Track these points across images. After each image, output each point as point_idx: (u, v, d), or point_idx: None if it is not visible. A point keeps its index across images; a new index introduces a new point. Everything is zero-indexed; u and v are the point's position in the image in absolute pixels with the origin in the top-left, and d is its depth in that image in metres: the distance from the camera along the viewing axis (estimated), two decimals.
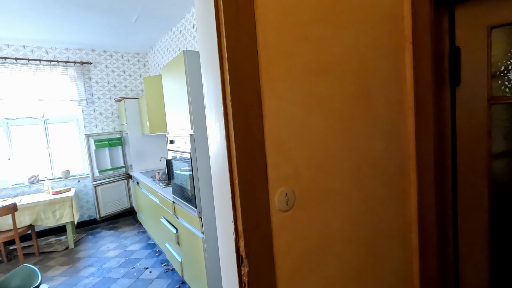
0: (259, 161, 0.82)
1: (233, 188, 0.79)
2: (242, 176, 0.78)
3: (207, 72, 0.86)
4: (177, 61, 2.04)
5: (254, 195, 0.81)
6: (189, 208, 2.15)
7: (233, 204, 0.80)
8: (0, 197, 3.94)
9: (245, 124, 0.78)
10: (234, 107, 0.76)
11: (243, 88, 0.78)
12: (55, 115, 4.46)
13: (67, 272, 3.13)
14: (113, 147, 4.63)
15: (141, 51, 4.94)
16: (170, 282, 2.75)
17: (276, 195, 0.86)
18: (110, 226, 4.51)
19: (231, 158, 0.79)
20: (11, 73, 3.98)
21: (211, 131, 0.86)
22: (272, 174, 0.85)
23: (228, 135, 0.78)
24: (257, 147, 0.81)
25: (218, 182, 0.86)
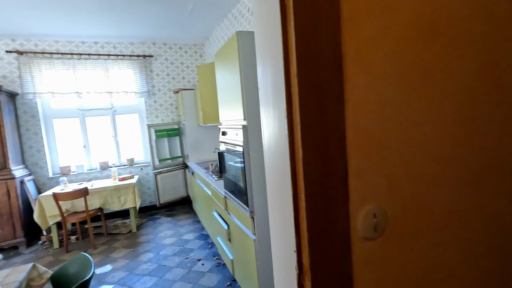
0: (337, 165, 0.55)
1: (297, 204, 0.55)
2: (311, 188, 0.53)
3: (262, 32, 0.61)
4: (230, 44, 1.85)
5: (328, 216, 0.55)
6: (240, 206, 1.98)
7: (296, 227, 0.55)
8: (77, 181, 4.39)
9: (318, 111, 0.53)
10: (301, 84, 0.51)
11: (316, 58, 0.52)
12: (122, 106, 4.77)
13: (128, 255, 3.30)
14: (171, 137, 4.78)
15: (198, 42, 4.96)
16: (221, 278, 2.66)
17: (360, 217, 0.59)
18: (168, 213, 4.70)
19: (295, 161, 0.54)
20: (86, 68, 4.34)
21: (266, 121, 0.63)
22: (355, 185, 0.58)
23: (291, 126, 0.54)
24: (335, 145, 0.55)
25: (274, 193, 0.63)
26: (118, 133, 4.77)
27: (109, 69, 4.45)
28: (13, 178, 3.63)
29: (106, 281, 2.77)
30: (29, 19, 3.43)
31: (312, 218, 0.54)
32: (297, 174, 0.54)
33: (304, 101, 0.51)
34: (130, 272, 2.90)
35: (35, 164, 4.21)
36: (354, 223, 0.59)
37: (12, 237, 3.64)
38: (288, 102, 0.53)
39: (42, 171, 4.25)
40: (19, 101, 4.10)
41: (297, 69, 0.51)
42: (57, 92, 4.20)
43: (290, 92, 0.53)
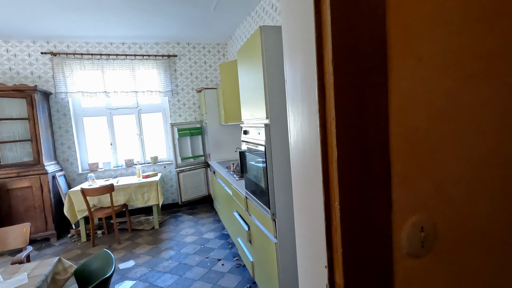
0: (379, 169, 0.47)
1: (329, 213, 0.47)
2: (348, 194, 0.45)
3: (291, 14, 0.54)
4: (253, 40, 1.79)
5: (367, 228, 0.46)
6: (261, 207, 1.91)
7: (328, 239, 0.47)
8: (104, 177, 4.54)
9: (357, 104, 0.45)
10: (337, 73, 0.43)
11: (355, 43, 0.44)
12: (146, 105, 4.88)
13: (151, 251, 3.35)
14: (194, 136, 4.82)
15: (221, 41, 4.96)
16: (241, 280, 2.62)
17: (405, 230, 0.50)
18: (189, 211, 4.74)
19: (328, 162, 0.46)
20: (113, 69, 4.47)
21: (293, 117, 0.55)
22: (400, 192, 0.49)
23: (324, 122, 0.46)
24: (377, 144, 0.46)
25: (302, 199, 0.55)
26: (143, 132, 4.88)
27: (135, 69, 4.57)
28: (45, 173, 3.81)
29: (129, 277, 2.81)
30: (62, 22, 3.58)
31: (348, 230, 0.46)
32: (330, 178, 0.46)
33: (341, 93, 0.44)
34: (152, 269, 2.94)
35: (66, 160, 4.41)
36: (398, 237, 0.50)
37: (44, 229, 3.82)
38: (320, 94, 0.46)
39: (72, 167, 4.44)
40: (52, 100, 4.30)
41: (332, 55, 0.43)
42: (86, 91, 4.36)
43: (323, 83, 0.46)
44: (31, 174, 3.75)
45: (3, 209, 3.65)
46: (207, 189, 4.91)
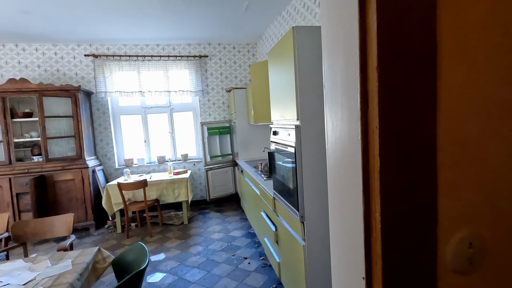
0: (424, 180, 0.45)
1: (368, 223, 0.46)
2: (390, 205, 0.43)
3: (331, 17, 0.53)
4: (285, 41, 1.78)
5: (409, 241, 0.45)
6: (290, 209, 1.90)
7: (366, 250, 0.46)
8: (138, 173, 4.78)
9: (402, 112, 0.43)
10: (382, 78, 0.42)
11: (402, 46, 0.42)
12: (178, 104, 5.05)
13: (180, 246, 3.47)
14: (222, 135, 4.91)
15: (251, 41, 4.99)
16: (266, 280, 2.63)
17: (451, 245, 0.47)
18: (217, 208, 4.84)
19: (368, 172, 0.45)
20: (148, 69, 4.69)
21: (331, 122, 0.54)
22: (447, 205, 0.46)
23: (366, 130, 0.45)
24: (422, 153, 0.44)
25: (340, 207, 0.54)
26: (174, 130, 5.06)
27: (168, 69, 4.75)
28: (86, 168, 4.10)
29: (160, 269, 2.94)
30: (104, 26, 3.82)
31: (390, 242, 0.44)
32: (371, 188, 0.45)
33: (385, 100, 0.42)
34: (181, 263, 3.04)
35: (104, 156, 4.71)
36: (443, 252, 0.47)
37: (84, 219, 4.11)
38: (363, 100, 0.45)
39: (110, 162, 4.73)
40: (93, 99, 4.61)
41: (377, 61, 0.42)
42: (124, 91, 4.61)
43: (366, 89, 0.44)
44: (74, 168, 4.05)
45: (50, 199, 3.98)
46: (235, 188, 4.98)
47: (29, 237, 2.30)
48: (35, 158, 4.04)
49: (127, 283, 1.44)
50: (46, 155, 3.96)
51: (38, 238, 2.32)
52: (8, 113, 3.86)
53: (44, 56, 4.40)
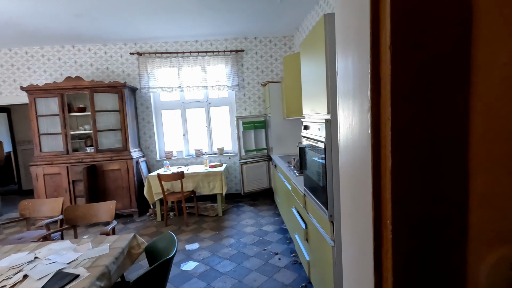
0: (449, 184, 0.36)
1: (379, 231, 0.39)
2: (403, 212, 0.36)
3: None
4: (317, 30, 1.68)
5: (427, 256, 0.37)
6: (319, 207, 1.82)
7: (376, 262, 0.40)
8: (177, 165, 5.01)
9: (422, 101, 0.35)
10: (396, 62, 0.34)
11: (424, 18, 0.34)
12: (215, 99, 5.15)
13: (213, 237, 3.57)
14: (257, 129, 4.90)
15: (287, 34, 4.87)
16: (296, 277, 2.57)
17: (486, 264, 0.38)
18: (251, 202, 4.88)
19: (380, 172, 0.38)
20: (187, 65, 4.84)
21: (343, 114, 0.48)
22: (481, 216, 0.38)
23: (377, 122, 0.38)
24: (446, 152, 0.36)
25: (350, 211, 0.48)
26: (211, 124, 5.19)
27: (206, 65, 4.86)
28: (131, 159, 4.40)
29: (193, 258, 3.05)
30: (146, 25, 4.02)
31: (402, 256, 0.37)
32: (383, 190, 0.38)
33: (400, 87, 0.35)
34: (213, 254, 3.12)
35: (147, 148, 5.01)
36: (474, 273, 0.39)
37: (129, 207, 4.44)
38: (374, 88, 0.38)
39: (152, 154, 5.02)
40: (138, 95, 4.91)
41: (390, 37, 0.34)
42: (165, 86, 4.84)
43: (378, 74, 0.37)
44: (120, 159, 4.37)
45: (100, 186, 4.36)
46: (269, 182, 4.96)
47: (78, 220, 2.53)
48: (88, 149, 4.44)
49: (156, 269, 1.51)
50: (96, 146, 4.34)
51: (86, 222, 2.54)
52: (66, 108, 4.29)
53: (96, 55, 4.79)
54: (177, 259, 3.04)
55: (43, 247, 1.84)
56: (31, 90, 4.22)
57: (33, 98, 4.25)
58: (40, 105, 4.31)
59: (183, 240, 3.53)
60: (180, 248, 3.29)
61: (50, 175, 4.29)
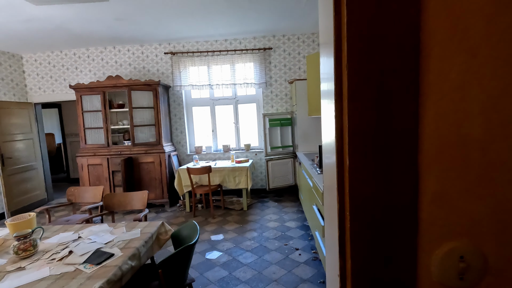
0: (399, 181, 0.42)
1: (342, 221, 0.46)
2: (358, 204, 0.43)
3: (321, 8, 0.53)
4: None
5: (379, 243, 0.43)
6: None
7: (341, 248, 0.46)
8: (205, 159, 5.23)
9: (375, 108, 0.41)
10: (351, 71, 0.41)
11: (376, 32, 0.40)
12: (243, 96, 5.28)
13: (237, 230, 3.72)
14: (284, 126, 4.95)
15: (316, 30, 4.83)
16: (315, 273, 2.62)
17: (436, 255, 0.43)
18: (275, 198, 4.96)
19: (343, 170, 0.45)
20: (216, 63, 5.02)
21: (323, 117, 0.54)
22: (431, 211, 0.43)
23: (340, 127, 0.44)
24: (400, 155, 0.42)
25: (328, 203, 0.55)
26: (239, 120, 5.33)
27: (234, 63, 4.99)
28: (164, 152, 4.69)
29: (217, 248, 3.22)
30: (180, 26, 4.24)
31: (358, 242, 0.43)
32: (345, 185, 0.44)
33: (355, 95, 0.41)
34: (236, 245, 3.26)
35: (178, 143, 5.30)
36: (425, 262, 0.43)
37: (161, 197, 4.75)
38: (337, 94, 0.44)
39: (183, 148, 5.30)
40: (171, 92, 5.20)
41: (347, 51, 0.41)
42: (195, 84, 5.07)
43: (341, 83, 0.44)
44: (154, 152, 4.68)
45: (136, 177, 4.72)
46: (294, 179, 5.00)
47: (115, 207, 2.81)
48: (126, 142, 4.82)
49: (180, 254, 1.66)
50: (133, 140, 4.69)
51: (122, 208, 2.81)
52: (107, 105, 4.68)
53: (134, 55, 5.15)
54: (202, 248, 3.23)
55: (86, 229, 2.09)
56: (78, 88, 4.67)
57: (79, 95, 4.70)
58: (85, 101, 4.76)
59: (209, 231, 3.72)
60: (205, 238, 3.48)
61: (93, 166, 4.73)
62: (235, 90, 5.22)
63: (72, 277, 1.47)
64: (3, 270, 1.57)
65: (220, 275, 2.67)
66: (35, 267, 1.59)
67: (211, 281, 2.58)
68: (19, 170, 4.91)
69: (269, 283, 2.51)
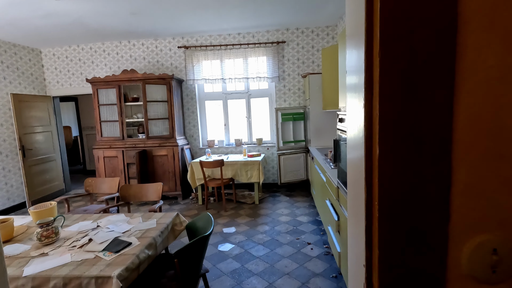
0: (432, 172, 0.41)
1: (370, 211, 0.45)
2: (387, 194, 0.42)
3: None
4: None
5: (409, 234, 0.43)
6: None
7: (367, 238, 0.46)
8: (217, 153, 5.27)
9: (408, 99, 0.40)
10: (384, 61, 0.40)
11: (409, 22, 0.39)
12: (255, 90, 5.27)
13: (249, 223, 3.74)
14: (296, 121, 4.92)
15: (331, 23, 4.74)
16: (327, 268, 2.62)
17: (468, 248, 0.42)
18: (287, 193, 4.96)
19: (372, 159, 0.44)
20: (229, 57, 5.01)
21: (350, 109, 0.54)
22: (463, 203, 0.42)
23: (370, 117, 0.44)
24: (431, 143, 0.41)
25: (353, 194, 0.54)
26: (251, 115, 5.33)
27: (247, 56, 4.97)
28: (176, 146, 4.75)
29: (230, 240, 3.26)
30: (194, 20, 4.25)
31: (386, 233, 0.43)
32: (373, 174, 0.44)
33: (387, 84, 0.40)
34: (248, 238, 3.29)
35: (191, 136, 5.35)
36: (456, 254, 0.43)
37: (174, 190, 4.83)
38: (368, 85, 0.43)
39: (195, 142, 5.35)
40: (184, 86, 5.24)
41: (380, 46, 0.40)
42: (208, 78, 5.09)
43: (371, 73, 0.43)
44: (167, 145, 4.75)
45: (150, 169, 4.81)
46: (306, 174, 4.98)
47: (131, 198, 2.87)
48: (140, 135, 4.91)
49: (195, 244, 1.69)
50: (147, 133, 4.77)
51: (137, 199, 2.87)
52: (122, 98, 4.77)
53: (148, 49, 5.20)
54: (215, 240, 3.28)
55: (103, 218, 2.16)
56: (94, 82, 4.77)
57: (95, 89, 4.80)
58: (101, 95, 4.86)
59: (221, 223, 3.76)
60: (218, 231, 3.53)
61: (108, 158, 4.85)
62: (248, 84, 5.21)
63: (93, 263, 1.52)
64: (28, 255, 1.64)
65: (232, 266, 2.71)
66: (57, 253, 1.65)
67: (223, 272, 2.62)
68: (39, 161, 5.09)
69: (281, 276, 2.53)
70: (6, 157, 4.67)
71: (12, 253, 1.67)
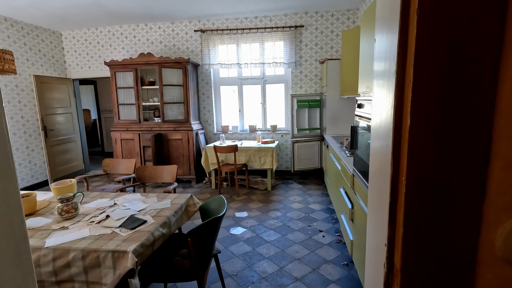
0: (468, 145, 0.38)
1: (396, 187, 0.42)
2: (417, 168, 0.39)
3: None
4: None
5: (438, 211, 0.40)
6: (367, 187, 1.79)
7: (391, 216, 0.43)
8: (231, 139, 5.28)
9: (442, 64, 0.36)
10: (421, 44, 0.36)
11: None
12: (271, 76, 5.18)
13: (261, 208, 3.77)
14: (312, 108, 4.83)
15: (352, 7, 4.54)
16: (338, 255, 2.61)
17: (505, 228, 0.39)
18: (300, 181, 4.94)
19: (401, 131, 0.41)
20: (246, 42, 4.93)
21: (376, 96, 0.50)
22: (502, 179, 0.38)
23: (401, 84, 0.40)
24: (467, 113, 0.37)
25: (376, 170, 0.51)
26: (266, 101, 5.27)
27: (264, 41, 4.87)
28: (191, 130, 4.79)
29: (241, 225, 3.29)
30: (210, 1, 4.17)
31: (413, 210, 0.40)
32: (402, 147, 0.41)
33: (423, 68, 0.36)
34: (260, 223, 3.32)
35: (205, 121, 5.37)
36: (490, 236, 0.39)
37: (188, 173, 4.90)
38: (400, 68, 0.39)
39: (210, 127, 5.38)
40: (199, 71, 5.22)
41: (418, 19, 0.36)
42: (224, 63, 5.04)
43: (405, 54, 0.39)
44: (182, 130, 4.80)
45: (164, 153, 4.89)
46: (320, 163, 4.92)
47: (146, 179, 2.94)
48: (156, 119, 4.97)
49: (208, 225, 1.71)
50: (163, 117, 4.83)
51: (152, 180, 2.93)
52: (139, 81, 4.82)
53: (165, 33, 5.19)
54: (227, 223, 3.32)
55: (120, 197, 2.22)
56: (112, 65, 4.83)
57: (113, 72, 4.87)
58: (119, 78, 4.92)
59: (234, 208, 3.80)
60: (230, 215, 3.57)
61: (125, 140, 4.96)
62: (264, 69, 5.13)
63: (110, 238, 1.57)
64: (49, 228, 1.72)
65: (244, 249, 2.75)
66: (77, 227, 1.72)
67: (235, 254, 2.66)
68: (60, 141, 5.28)
69: (292, 261, 2.54)
70: (30, 137, 4.87)
71: (35, 225, 1.74)
